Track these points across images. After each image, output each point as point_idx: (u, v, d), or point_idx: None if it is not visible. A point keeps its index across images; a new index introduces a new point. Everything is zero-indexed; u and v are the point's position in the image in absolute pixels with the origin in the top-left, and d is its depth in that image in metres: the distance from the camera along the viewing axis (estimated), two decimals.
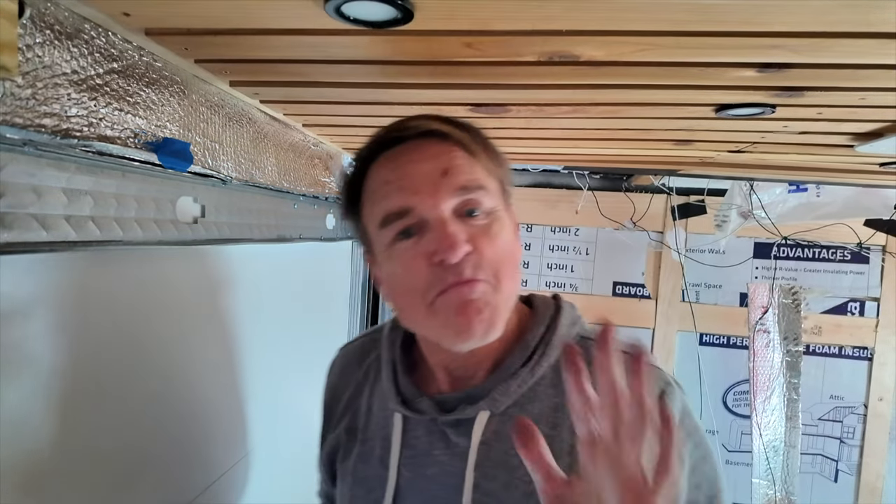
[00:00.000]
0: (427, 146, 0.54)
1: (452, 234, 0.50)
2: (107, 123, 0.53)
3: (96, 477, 0.59)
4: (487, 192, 0.54)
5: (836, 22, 0.43)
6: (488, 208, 0.54)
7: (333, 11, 0.44)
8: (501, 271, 0.53)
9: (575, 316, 0.63)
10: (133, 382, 0.64)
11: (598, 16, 0.44)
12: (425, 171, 0.53)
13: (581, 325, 0.62)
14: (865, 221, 1.79)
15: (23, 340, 0.49)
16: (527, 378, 0.57)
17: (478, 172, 0.54)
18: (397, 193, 0.53)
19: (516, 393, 0.56)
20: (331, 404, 0.72)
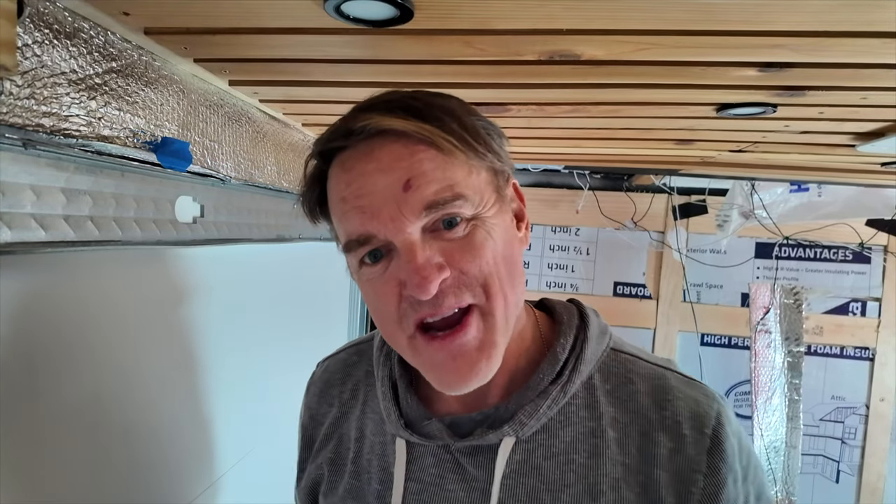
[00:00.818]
0: (384, 149, 0.43)
1: (422, 267, 0.42)
2: (105, 123, 0.53)
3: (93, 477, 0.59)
4: (467, 199, 0.43)
5: (837, 21, 0.43)
6: (470, 216, 0.44)
7: (333, 10, 0.44)
8: (492, 284, 0.44)
9: (602, 325, 0.54)
10: (130, 383, 0.64)
11: (599, 15, 0.44)
12: (383, 186, 0.43)
13: (610, 335, 0.53)
14: (867, 221, 1.78)
15: (21, 340, 0.49)
16: (558, 397, 0.48)
17: (453, 175, 0.43)
18: (355, 216, 0.44)
19: (546, 415, 0.48)
20: (310, 430, 0.62)
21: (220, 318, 0.82)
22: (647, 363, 0.52)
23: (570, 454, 0.47)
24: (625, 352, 0.53)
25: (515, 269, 0.47)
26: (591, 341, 0.51)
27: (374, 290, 0.46)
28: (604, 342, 0.52)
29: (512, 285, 0.46)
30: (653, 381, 0.50)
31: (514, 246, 0.48)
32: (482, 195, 0.45)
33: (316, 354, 0.73)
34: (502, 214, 0.47)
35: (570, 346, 0.51)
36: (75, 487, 0.56)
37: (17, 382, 0.49)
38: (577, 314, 0.54)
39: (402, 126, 0.43)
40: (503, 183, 0.48)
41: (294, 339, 1.10)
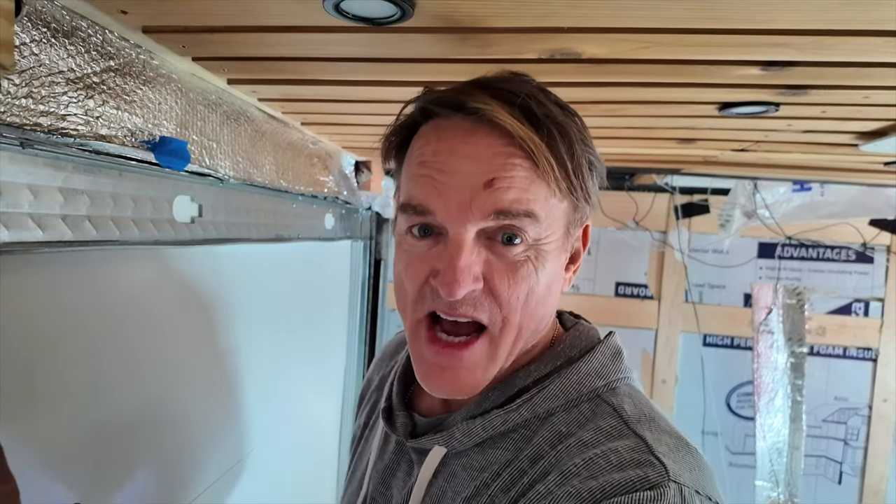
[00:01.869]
0: (485, 139, 0.42)
1: (460, 269, 0.41)
2: (103, 122, 0.52)
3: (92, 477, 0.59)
4: (536, 222, 0.42)
5: (839, 20, 0.43)
6: (531, 240, 0.43)
7: (332, 8, 0.44)
8: (513, 316, 0.44)
9: (607, 369, 0.48)
10: (129, 383, 0.64)
11: (601, 13, 0.44)
12: (467, 174, 0.42)
13: (609, 382, 0.48)
14: (870, 221, 1.78)
15: (19, 340, 0.49)
16: (496, 422, 0.47)
17: (536, 193, 0.42)
18: (426, 185, 0.43)
19: (479, 436, 0.47)
20: (364, 391, 0.70)
21: (218, 319, 0.82)
22: (620, 420, 0.44)
23: (483, 472, 0.46)
24: (611, 403, 0.46)
25: (543, 309, 0.46)
26: (569, 379, 0.47)
27: (407, 261, 0.46)
28: (590, 384, 0.47)
29: (531, 320, 0.46)
30: (605, 437, 0.43)
31: (553, 288, 0.47)
32: (551, 224, 0.44)
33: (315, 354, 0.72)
34: (559, 252, 0.46)
35: (542, 376, 0.48)
36: (75, 487, 0.56)
37: (16, 382, 0.49)
38: (586, 348, 0.50)
39: (512, 127, 0.41)
40: (576, 222, 0.48)
41: (293, 340, 1.09)
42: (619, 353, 0.50)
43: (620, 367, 0.49)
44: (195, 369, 0.77)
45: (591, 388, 0.47)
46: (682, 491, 0.38)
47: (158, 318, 0.68)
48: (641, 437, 0.42)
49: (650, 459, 0.39)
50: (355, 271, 1.49)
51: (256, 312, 0.93)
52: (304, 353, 1.15)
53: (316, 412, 1.30)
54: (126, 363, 0.63)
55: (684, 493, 0.38)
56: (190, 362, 0.76)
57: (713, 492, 0.40)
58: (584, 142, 0.46)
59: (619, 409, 0.45)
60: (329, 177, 1.13)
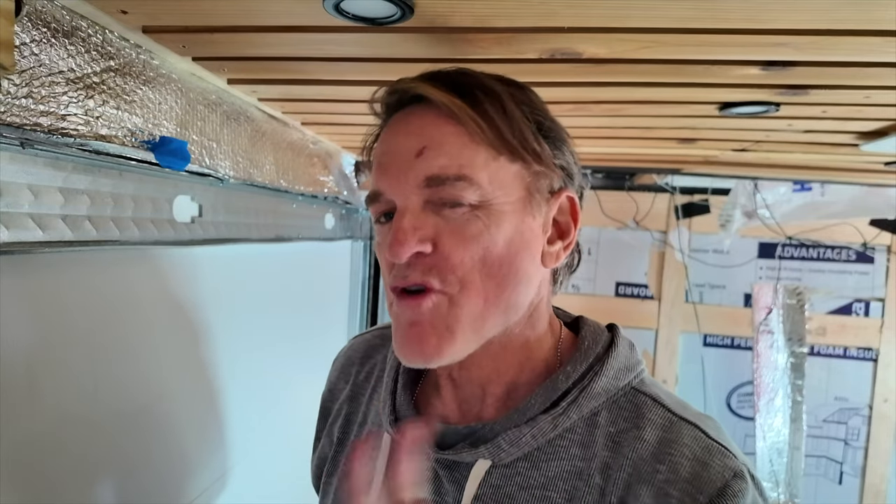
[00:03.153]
0: (417, 116, 0.44)
1: (402, 230, 0.42)
2: (103, 122, 0.52)
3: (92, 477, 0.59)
4: (472, 183, 0.42)
5: (840, 20, 0.43)
6: (475, 201, 0.42)
7: (332, 8, 0.43)
8: (471, 280, 0.42)
9: (632, 360, 0.49)
10: (129, 383, 0.64)
11: (601, 13, 0.44)
12: (403, 149, 0.44)
13: (637, 373, 0.48)
14: (870, 221, 1.77)
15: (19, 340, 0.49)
16: (546, 428, 0.44)
17: (470, 157, 0.42)
18: (377, 172, 0.46)
19: (529, 445, 0.45)
20: (327, 402, 0.64)
21: (218, 319, 0.82)
22: (667, 410, 0.45)
23: (548, 490, 0.44)
24: (647, 393, 0.47)
25: (511, 275, 0.44)
26: (607, 375, 0.46)
27: (379, 249, 0.47)
28: (625, 378, 0.47)
29: (499, 290, 0.44)
30: (664, 431, 0.43)
31: (523, 252, 0.44)
32: (501, 186, 0.43)
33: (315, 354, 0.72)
34: (521, 214, 0.44)
35: (579, 377, 0.46)
36: (75, 487, 0.56)
37: (16, 382, 0.49)
38: (606, 342, 0.49)
39: (435, 96, 0.43)
40: (542, 186, 0.46)
41: (293, 340, 1.09)
42: (632, 343, 0.51)
43: (639, 358, 0.50)
44: (195, 369, 0.77)
45: (625, 383, 0.47)
46: (748, 469, 0.42)
47: (158, 317, 0.68)
48: (693, 424, 0.44)
49: (716, 446, 0.42)
50: (355, 271, 1.49)
51: (256, 312, 0.93)
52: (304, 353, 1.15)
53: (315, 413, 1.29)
54: (126, 363, 0.63)
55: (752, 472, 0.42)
56: (189, 362, 0.76)
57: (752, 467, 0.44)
58: (524, 104, 0.45)
59: (658, 399, 0.46)
60: (329, 177, 1.13)
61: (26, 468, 0.51)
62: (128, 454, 0.64)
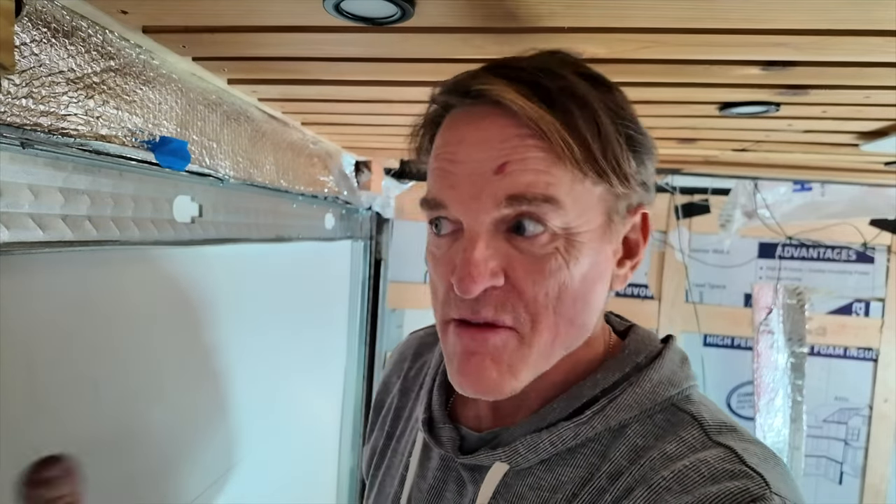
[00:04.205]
0: (494, 123, 0.38)
1: (474, 262, 0.38)
2: (104, 122, 0.52)
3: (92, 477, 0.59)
4: (560, 208, 0.38)
5: (840, 19, 0.43)
6: (556, 228, 0.38)
7: (332, 8, 0.43)
8: (544, 319, 0.39)
9: (679, 375, 0.44)
10: (129, 383, 0.64)
11: (601, 13, 0.44)
12: (477, 161, 0.38)
13: (683, 389, 0.44)
14: (871, 221, 1.77)
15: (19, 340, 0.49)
16: (567, 436, 0.42)
17: (556, 175, 0.38)
18: (440, 179, 0.41)
19: (547, 451, 0.42)
20: (381, 394, 0.62)
21: (218, 319, 0.82)
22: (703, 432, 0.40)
23: (555, 493, 0.42)
24: (689, 411, 0.42)
25: (583, 310, 0.41)
26: (642, 387, 0.43)
27: (433, 261, 0.43)
28: (665, 393, 0.43)
29: (569, 324, 0.41)
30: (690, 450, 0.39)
31: (598, 286, 0.41)
32: (584, 212, 0.39)
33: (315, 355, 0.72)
34: (599, 243, 0.41)
35: (610, 385, 0.43)
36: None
37: (16, 382, 0.49)
38: (652, 353, 0.45)
39: (520, 106, 0.37)
40: (622, 208, 0.41)
41: (293, 340, 1.09)
42: (686, 358, 0.46)
43: (689, 374, 0.45)
44: (195, 369, 0.77)
45: (664, 397, 0.43)
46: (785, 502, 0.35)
47: (158, 317, 0.68)
48: (729, 447, 0.38)
49: (745, 470, 0.36)
50: (355, 271, 1.49)
51: (256, 313, 0.93)
52: (304, 353, 1.15)
53: (315, 413, 1.30)
54: (126, 363, 0.63)
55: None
56: (189, 362, 0.76)
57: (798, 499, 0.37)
58: (617, 114, 0.40)
59: (698, 418, 0.41)
60: (329, 177, 1.13)
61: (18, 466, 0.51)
62: (128, 453, 0.64)
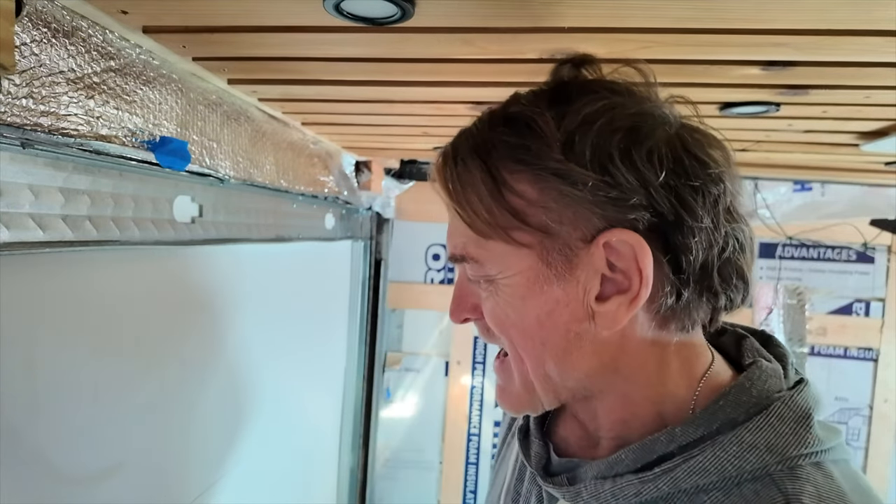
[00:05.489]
0: None
1: (453, 299, 0.46)
2: (104, 122, 0.52)
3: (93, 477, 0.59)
4: (475, 262, 0.41)
5: (840, 19, 0.43)
6: (482, 276, 0.42)
7: (332, 8, 0.43)
8: (515, 342, 0.42)
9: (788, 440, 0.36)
10: (129, 383, 0.64)
11: (601, 12, 0.44)
12: None
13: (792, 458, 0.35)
14: (871, 221, 1.77)
15: (19, 340, 0.49)
16: (628, 491, 0.38)
17: (467, 238, 0.41)
18: None
19: (608, 502, 0.40)
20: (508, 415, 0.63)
21: (218, 319, 0.82)
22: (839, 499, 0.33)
23: None
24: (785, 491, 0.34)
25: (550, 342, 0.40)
26: (726, 451, 0.36)
27: None
28: (758, 460, 0.35)
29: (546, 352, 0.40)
30: None
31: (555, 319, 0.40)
32: (500, 261, 0.40)
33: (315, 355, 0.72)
34: (542, 285, 0.39)
35: (690, 442, 0.38)
36: (75, 487, 0.56)
37: (16, 382, 0.49)
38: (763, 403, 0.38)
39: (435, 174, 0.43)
40: (557, 248, 0.38)
41: (293, 340, 1.09)
42: (807, 416, 0.37)
43: (807, 439, 0.36)
44: (194, 370, 0.77)
45: (759, 465, 0.35)
46: None
47: (158, 317, 0.68)
48: None
49: None
50: (355, 271, 1.49)
51: (256, 313, 0.93)
52: (304, 353, 1.15)
53: (315, 413, 1.30)
54: (126, 363, 0.63)
55: None
56: (189, 362, 0.76)
57: None
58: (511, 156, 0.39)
59: (791, 499, 0.34)
60: (329, 177, 1.13)
61: (26, 468, 0.51)
62: (129, 452, 0.64)
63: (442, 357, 1.86)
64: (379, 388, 1.68)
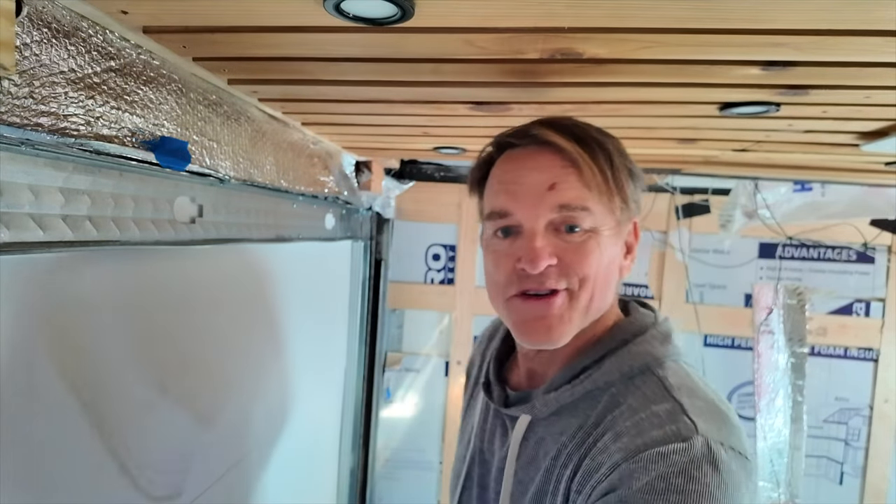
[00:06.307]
0: (543, 156, 0.57)
1: (538, 249, 0.55)
2: (104, 122, 0.52)
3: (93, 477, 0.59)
4: (590, 213, 0.56)
5: (840, 20, 0.43)
6: (588, 227, 0.56)
7: (333, 8, 0.44)
8: (586, 284, 0.57)
9: (659, 350, 0.59)
10: (129, 383, 0.64)
11: (602, 13, 0.44)
12: (533, 182, 0.56)
13: (659, 359, 0.58)
14: (871, 221, 1.77)
15: (19, 340, 0.49)
16: (565, 395, 0.59)
17: (587, 193, 0.56)
18: (505, 196, 0.58)
19: (553, 406, 0.60)
20: (468, 370, 0.85)
21: (219, 319, 0.82)
22: (665, 390, 0.55)
23: (562, 435, 0.59)
24: (659, 376, 0.57)
25: (609, 280, 0.59)
26: (621, 358, 0.59)
27: (495, 258, 0.60)
28: (641, 360, 0.58)
29: (602, 290, 0.58)
30: (646, 400, 0.54)
31: (614, 266, 0.60)
32: (604, 218, 0.57)
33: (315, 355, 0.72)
34: (615, 240, 0.59)
35: (599, 357, 0.59)
36: (75, 487, 0.56)
37: (16, 382, 0.49)
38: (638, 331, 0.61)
39: (562, 143, 0.55)
40: (624, 218, 0.60)
41: (293, 340, 1.09)
42: (668, 336, 0.61)
43: (670, 350, 0.60)
44: (195, 369, 0.77)
45: (642, 364, 0.58)
46: (709, 443, 0.48)
47: (158, 317, 0.68)
48: (678, 401, 0.52)
49: (683, 419, 0.50)
50: (356, 271, 1.49)
51: (256, 313, 0.93)
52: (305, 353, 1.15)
53: (316, 413, 1.30)
54: (126, 362, 0.63)
55: (710, 444, 0.48)
56: (189, 362, 0.76)
57: (738, 444, 0.50)
58: (622, 154, 0.60)
59: (663, 380, 0.56)
60: (329, 177, 1.13)
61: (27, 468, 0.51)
62: (129, 452, 0.64)
63: (442, 357, 1.86)
64: (379, 388, 1.69)
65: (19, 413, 0.49)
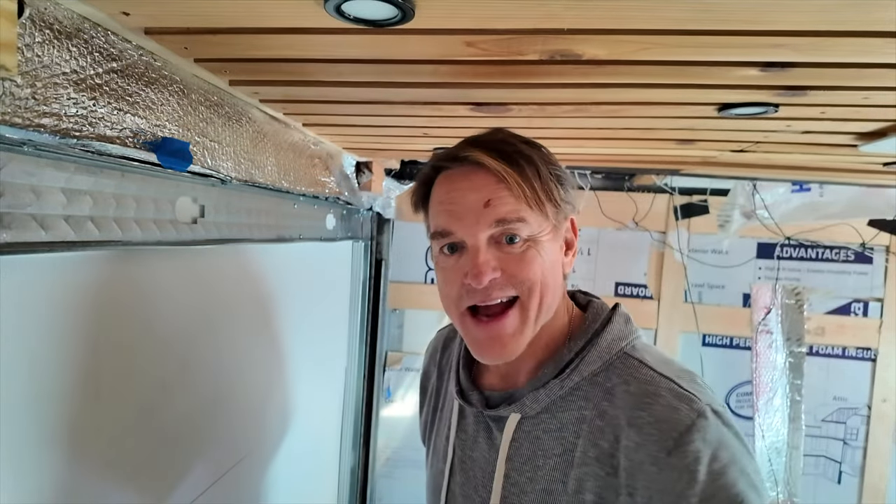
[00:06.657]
0: (477, 176, 0.60)
1: (480, 264, 0.58)
2: (106, 123, 0.53)
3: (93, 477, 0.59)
4: (526, 223, 0.59)
5: (839, 21, 0.43)
6: (527, 236, 0.59)
7: (333, 10, 0.44)
8: (534, 290, 0.59)
9: (625, 331, 0.64)
10: (130, 383, 0.64)
11: (601, 14, 0.44)
12: (470, 201, 0.59)
13: (630, 341, 0.63)
14: (869, 221, 1.78)
15: (21, 340, 0.49)
16: (555, 389, 0.61)
17: (520, 204, 0.59)
18: (446, 216, 0.61)
19: (544, 401, 0.62)
20: (423, 384, 0.85)
21: (219, 319, 0.82)
22: (649, 370, 0.59)
23: (563, 432, 0.60)
24: (636, 357, 0.61)
25: (555, 281, 0.62)
26: (600, 346, 0.62)
27: (444, 274, 0.63)
28: (617, 346, 0.62)
29: (549, 292, 0.61)
30: (644, 385, 0.57)
31: (557, 266, 0.63)
32: (540, 225, 0.60)
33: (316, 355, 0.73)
34: (554, 242, 0.62)
35: (580, 349, 0.62)
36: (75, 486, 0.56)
37: (17, 382, 0.49)
38: (605, 319, 0.64)
39: (491, 164, 0.58)
40: (559, 220, 0.63)
41: (294, 340, 1.10)
42: (628, 317, 0.66)
43: (633, 329, 0.65)
44: (195, 369, 0.77)
45: (617, 349, 0.62)
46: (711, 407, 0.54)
47: (159, 317, 0.68)
48: (668, 378, 0.57)
49: (685, 394, 0.55)
50: (356, 272, 1.49)
51: (257, 313, 0.93)
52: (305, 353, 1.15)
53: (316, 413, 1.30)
54: (127, 362, 0.63)
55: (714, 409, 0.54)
56: (190, 362, 0.76)
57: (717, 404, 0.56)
58: (548, 163, 0.62)
59: (644, 361, 0.60)
60: (330, 177, 1.13)
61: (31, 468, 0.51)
62: (130, 452, 0.64)
63: None
64: (379, 387, 1.69)
65: (19, 413, 0.50)
